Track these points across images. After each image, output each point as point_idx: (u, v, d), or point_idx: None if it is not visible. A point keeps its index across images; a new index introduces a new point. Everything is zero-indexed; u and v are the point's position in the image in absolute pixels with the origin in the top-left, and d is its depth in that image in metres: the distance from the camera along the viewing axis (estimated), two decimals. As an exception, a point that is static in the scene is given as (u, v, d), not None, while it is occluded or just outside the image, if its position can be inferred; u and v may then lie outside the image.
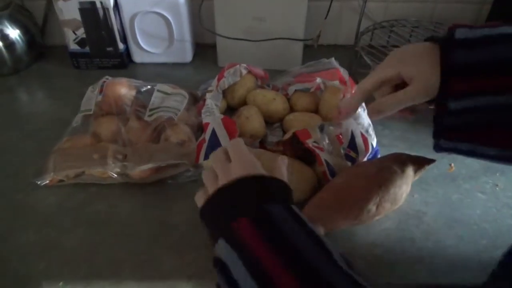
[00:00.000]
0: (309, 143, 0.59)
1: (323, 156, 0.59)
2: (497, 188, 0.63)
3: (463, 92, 0.42)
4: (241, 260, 0.36)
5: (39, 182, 0.62)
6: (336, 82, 0.71)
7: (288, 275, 0.34)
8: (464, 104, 0.42)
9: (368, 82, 0.49)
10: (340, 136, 0.60)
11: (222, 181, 0.43)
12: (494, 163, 0.47)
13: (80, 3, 0.83)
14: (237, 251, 0.36)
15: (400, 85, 0.48)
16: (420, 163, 0.60)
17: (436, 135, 0.46)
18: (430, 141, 0.47)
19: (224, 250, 0.37)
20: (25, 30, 0.90)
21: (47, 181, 0.62)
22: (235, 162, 0.44)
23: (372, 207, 0.54)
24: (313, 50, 0.91)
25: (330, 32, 0.96)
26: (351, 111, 0.54)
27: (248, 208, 0.39)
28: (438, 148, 0.47)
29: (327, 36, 0.95)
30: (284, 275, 0.34)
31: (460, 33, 0.42)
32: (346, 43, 0.99)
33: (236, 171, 0.43)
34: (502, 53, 0.40)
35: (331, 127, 0.60)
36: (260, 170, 0.43)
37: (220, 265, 0.37)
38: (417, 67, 0.45)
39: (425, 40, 0.47)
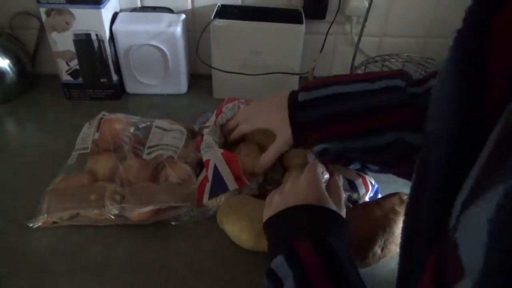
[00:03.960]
0: None
1: None
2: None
3: (314, 140, 0.56)
4: (295, 281, 0.39)
5: (31, 225, 0.60)
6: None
7: None
8: (319, 147, 0.56)
9: (269, 159, 0.64)
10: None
11: (290, 198, 0.48)
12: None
13: (75, 34, 0.82)
14: (294, 272, 0.40)
15: None
16: (422, 203, 0.60)
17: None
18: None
19: (281, 268, 0.41)
20: (15, 60, 0.89)
21: (40, 223, 0.60)
22: (308, 188, 0.49)
23: (377, 249, 0.54)
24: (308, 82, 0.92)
25: (324, 64, 0.97)
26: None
27: (313, 234, 0.43)
28: None
29: (322, 68, 0.96)
30: None
31: (301, 96, 0.57)
32: (340, 75, 1.00)
33: (308, 198, 0.47)
34: (333, 107, 0.54)
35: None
36: (331, 204, 0.48)
37: (273, 277, 0.41)
38: (274, 123, 0.60)
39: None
